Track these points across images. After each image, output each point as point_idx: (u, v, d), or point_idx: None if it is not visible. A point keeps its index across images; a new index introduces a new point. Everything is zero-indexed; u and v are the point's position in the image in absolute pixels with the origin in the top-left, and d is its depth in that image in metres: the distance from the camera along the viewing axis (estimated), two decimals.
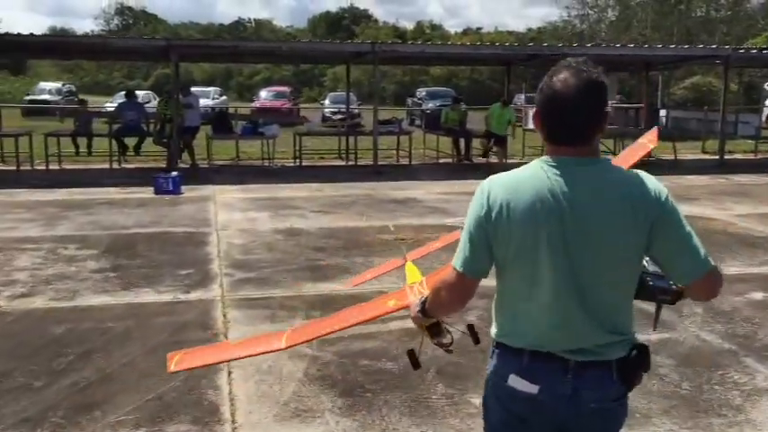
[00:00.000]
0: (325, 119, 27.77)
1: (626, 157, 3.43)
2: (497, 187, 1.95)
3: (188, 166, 14.82)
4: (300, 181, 13.05)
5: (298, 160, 15.85)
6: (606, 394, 1.94)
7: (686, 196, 11.51)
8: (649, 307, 2.15)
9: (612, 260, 1.88)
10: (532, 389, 1.94)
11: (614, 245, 1.87)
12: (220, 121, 15.35)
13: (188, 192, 11.58)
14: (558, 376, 1.92)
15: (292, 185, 12.54)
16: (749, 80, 38.87)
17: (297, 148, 15.77)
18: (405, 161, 16.11)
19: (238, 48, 14.68)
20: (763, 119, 26.34)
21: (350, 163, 16.36)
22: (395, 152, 16.61)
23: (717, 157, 16.81)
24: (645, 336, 2.41)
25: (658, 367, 4.34)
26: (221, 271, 6.64)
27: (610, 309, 1.92)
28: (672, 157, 16.79)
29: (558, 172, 1.89)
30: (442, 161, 16.52)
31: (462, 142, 15.97)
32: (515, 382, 1.96)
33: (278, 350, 2.87)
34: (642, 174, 1.96)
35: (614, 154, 17.73)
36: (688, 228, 1.90)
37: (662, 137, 19.99)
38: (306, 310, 5.51)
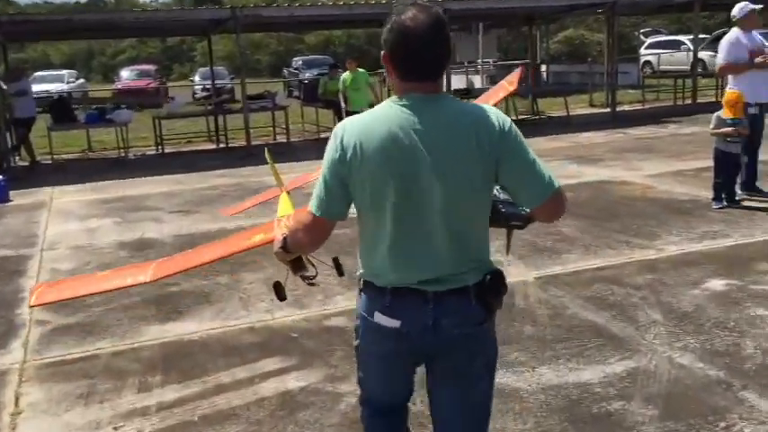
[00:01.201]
0: (197, 98, 25.53)
1: (487, 98, 3.63)
2: (350, 129, 1.99)
3: (27, 164, 12.66)
4: (161, 172, 11.22)
5: (160, 147, 13.91)
6: (466, 319, 2.01)
7: (591, 156, 10.58)
8: None
9: (464, 190, 1.94)
10: (395, 323, 2.01)
11: (464, 175, 1.93)
12: (60, 109, 13.10)
13: (18, 198, 9.55)
14: (419, 308, 1.99)
15: (151, 179, 10.71)
16: (620, 30, 39.45)
17: (157, 133, 13.83)
18: (282, 139, 14.49)
19: (72, 21, 12.44)
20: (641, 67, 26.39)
21: (221, 146, 14.56)
22: (271, 129, 14.98)
23: (607, 110, 16.20)
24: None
25: (639, 425, 3.10)
26: (31, 317, 4.91)
27: (464, 237, 1.99)
28: (564, 113, 16.01)
29: (407, 110, 1.95)
30: (323, 135, 14.98)
31: (345, 114, 14.49)
32: (380, 318, 2.04)
33: (144, 283, 2.88)
34: (485, 106, 2.02)
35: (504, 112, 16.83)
36: (532, 154, 1.98)
37: (550, 93, 19.36)
38: (141, 375, 3.92)
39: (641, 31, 36.71)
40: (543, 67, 30.01)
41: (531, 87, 17.69)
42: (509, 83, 3.63)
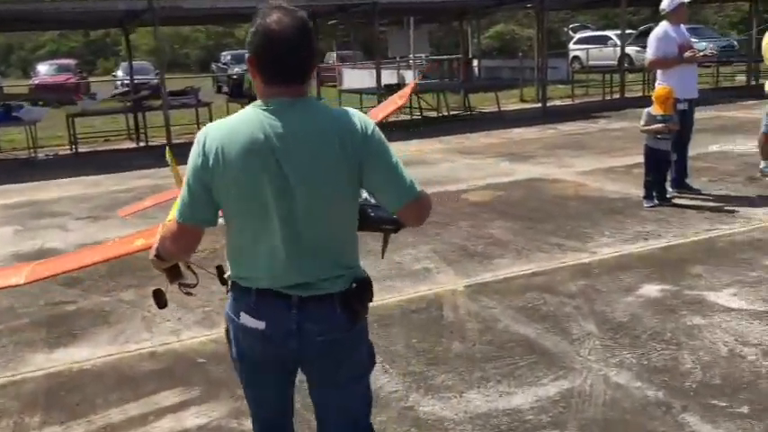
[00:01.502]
0: (115, 94, 24.43)
1: (378, 111, 3.70)
2: (213, 134, 1.96)
3: None
4: (75, 173, 10.51)
5: (74, 147, 13.12)
6: (331, 326, 1.99)
7: (523, 153, 10.41)
8: None
9: (328, 196, 1.93)
10: (259, 324, 2.00)
11: (328, 180, 1.92)
12: None
13: None
14: (283, 312, 1.98)
15: (63, 181, 10.01)
16: (549, 25, 39.98)
17: (71, 132, 13.03)
18: None
19: None
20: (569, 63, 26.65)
21: (141, 144, 13.85)
22: (195, 127, 14.33)
23: (538, 105, 16.17)
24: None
25: None
26: None
27: (330, 243, 1.98)
28: (495, 108, 15.89)
29: (271, 114, 1.93)
30: None
31: None
32: (245, 319, 2.03)
33: (17, 285, 2.76)
34: (350, 110, 2.00)
35: (436, 110, 16.64)
36: (395, 158, 1.97)
37: (481, 88, 19.26)
38: (18, 415, 3.42)
39: (569, 26, 37.26)
40: (475, 63, 30.06)
41: (463, 83, 17.53)
42: (400, 97, 3.43)
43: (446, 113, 15.50)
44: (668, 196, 6.78)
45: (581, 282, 4.75)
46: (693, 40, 7.10)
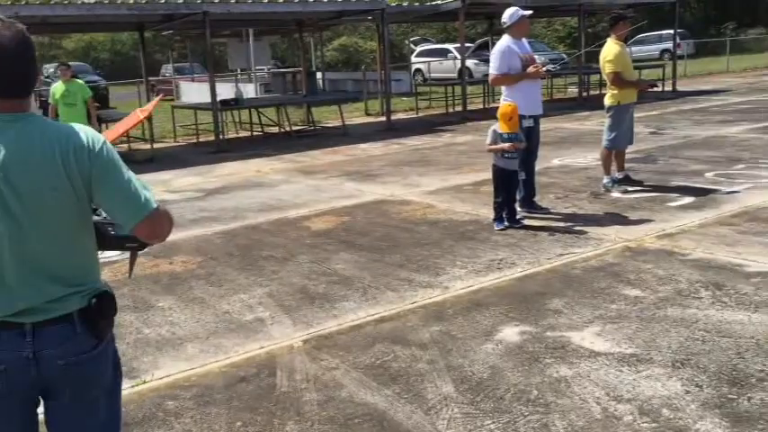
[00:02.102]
0: None
1: (119, 127, 4.83)
2: None
3: None
4: None
5: None
6: (72, 349, 1.91)
7: (368, 172, 9.90)
8: None
9: (51, 214, 1.87)
10: None
11: (50, 198, 1.85)
12: None
13: None
14: (17, 342, 1.88)
15: None
16: (391, 39, 40.37)
17: None
18: None
19: None
20: (412, 75, 26.84)
21: None
22: None
23: (383, 119, 15.85)
24: None
25: None
26: None
27: (57, 264, 1.91)
28: (340, 123, 15.37)
29: None
30: None
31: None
32: None
33: None
34: (77, 126, 1.95)
35: (278, 125, 15.83)
36: (126, 174, 1.92)
37: (325, 102, 18.72)
38: None
39: (410, 39, 37.80)
40: (319, 75, 29.60)
41: (305, 96, 16.89)
42: (142, 111, 3.34)
43: (288, 129, 14.76)
44: (518, 217, 6.47)
45: (434, 327, 4.20)
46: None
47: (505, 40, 6.58)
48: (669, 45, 34.03)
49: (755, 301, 4.25)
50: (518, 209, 6.61)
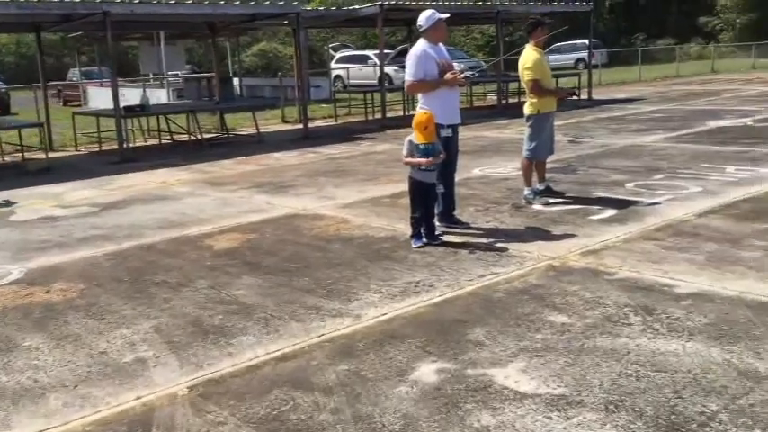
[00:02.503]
0: None
1: None
2: None
3: None
4: None
5: None
6: None
7: (281, 183, 9.34)
8: None
9: None
10: None
11: None
12: None
13: None
14: None
15: None
16: (310, 44, 39.73)
17: None
18: None
19: None
20: (332, 81, 26.35)
21: None
22: None
23: (300, 126, 15.27)
24: None
25: None
26: None
27: None
28: (254, 130, 14.71)
29: None
30: None
31: None
32: None
33: None
34: None
35: (188, 133, 14.96)
36: None
37: (240, 109, 17.96)
38: None
39: (330, 45, 37.36)
40: (236, 81, 28.74)
41: (217, 103, 16.14)
42: None
43: (199, 137, 14.00)
44: (437, 233, 6.06)
45: (342, 366, 3.71)
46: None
47: (421, 45, 6.17)
48: (583, 54, 34.83)
49: (688, 328, 3.94)
50: (437, 224, 6.21)
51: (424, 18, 6.11)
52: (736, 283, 4.62)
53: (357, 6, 16.13)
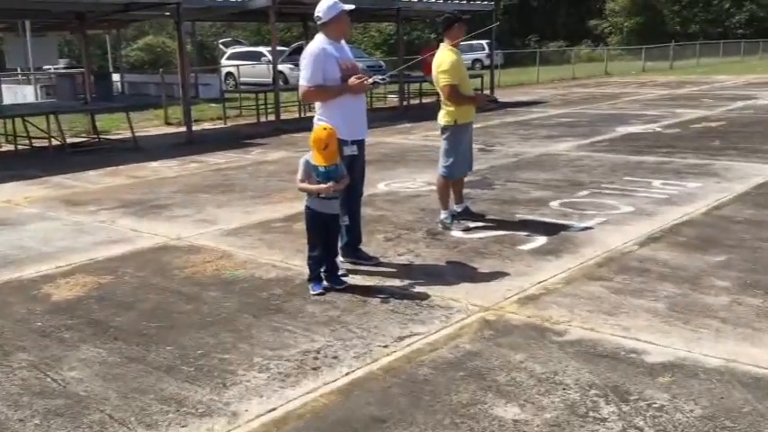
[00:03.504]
0: None
1: None
2: None
3: None
4: None
5: None
6: None
7: (154, 202, 7.90)
8: None
9: None
10: None
11: None
12: None
13: None
14: None
15: None
16: (201, 39, 37.62)
17: None
18: None
19: None
20: (223, 79, 24.67)
21: None
22: None
23: (184, 129, 13.71)
24: None
25: None
26: None
27: None
28: (130, 134, 13.03)
29: None
30: None
31: None
32: None
33: None
34: None
35: (48, 137, 12.89)
36: None
37: (115, 109, 16.10)
38: None
39: (221, 41, 35.51)
40: (116, 77, 26.52)
41: (86, 103, 14.30)
42: None
43: (62, 143, 12.20)
44: (340, 273, 4.90)
45: None
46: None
47: (320, 42, 4.96)
48: (480, 55, 34.63)
49: (681, 426, 2.96)
50: (340, 260, 5.05)
51: (324, 9, 4.90)
52: (716, 346, 3.72)
53: None
